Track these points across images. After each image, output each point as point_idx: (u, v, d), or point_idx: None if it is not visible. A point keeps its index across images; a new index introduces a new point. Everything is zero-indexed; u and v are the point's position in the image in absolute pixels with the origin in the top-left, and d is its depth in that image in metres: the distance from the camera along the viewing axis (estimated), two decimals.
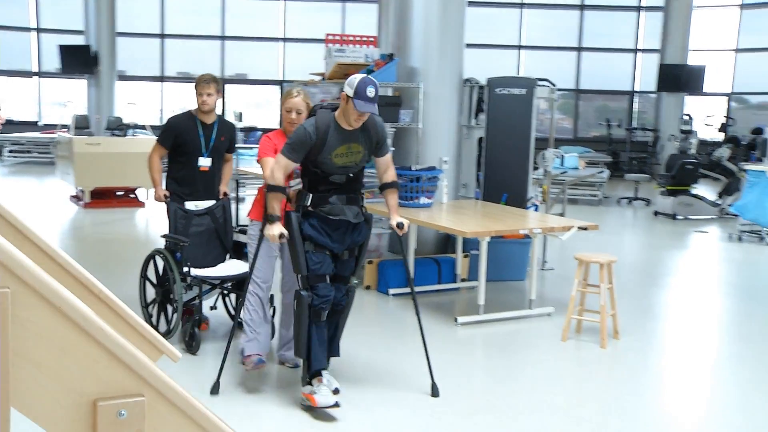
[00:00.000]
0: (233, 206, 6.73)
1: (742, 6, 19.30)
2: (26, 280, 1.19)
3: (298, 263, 3.84)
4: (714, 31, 19.58)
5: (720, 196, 11.86)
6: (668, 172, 11.70)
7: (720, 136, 17.54)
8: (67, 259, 1.87)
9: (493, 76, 7.30)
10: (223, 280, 4.90)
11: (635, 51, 19.98)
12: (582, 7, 19.89)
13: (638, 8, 19.95)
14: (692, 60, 18.02)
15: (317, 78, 7.08)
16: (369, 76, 3.79)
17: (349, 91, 3.73)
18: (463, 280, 6.67)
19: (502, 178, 7.18)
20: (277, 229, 3.78)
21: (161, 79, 19.71)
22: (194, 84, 4.95)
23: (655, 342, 5.39)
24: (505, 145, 7.20)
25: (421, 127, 6.84)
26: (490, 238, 5.45)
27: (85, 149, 10.52)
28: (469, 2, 7.20)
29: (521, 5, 19.80)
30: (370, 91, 3.72)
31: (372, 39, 7.03)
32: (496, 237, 6.09)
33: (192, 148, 4.97)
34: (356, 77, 3.77)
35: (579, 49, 19.96)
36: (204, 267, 4.90)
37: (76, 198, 10.96)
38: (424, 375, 4.28)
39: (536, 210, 7.25)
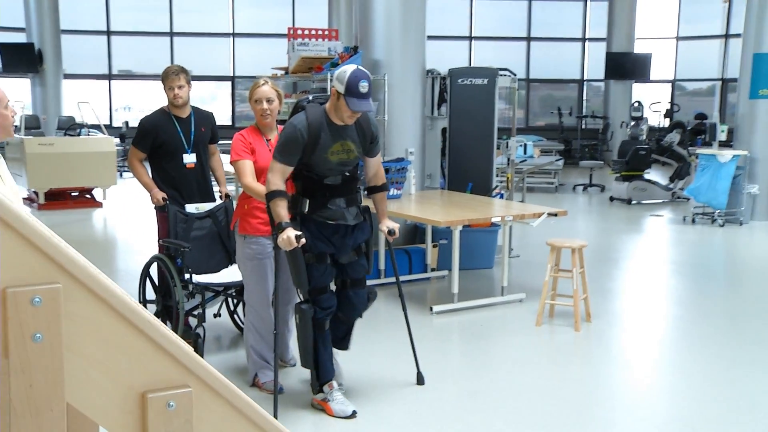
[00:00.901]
0: None
1: None
2: (76, 276, 1.19)
3: (298, 278, 3.60)
4: (657, 20, 20.06)
5: (671, 180, 12.19)
6: (621, 158, 11.97)
7: (666, 122, 18.01)
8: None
9: (447, 67, 7.39)
10: (227, 286, 4.63)
11: (583, 40, 20.35)
12: None
13: None
14: (638, 48, 18.45)
15: (280, 72, 7.05)
16: (360, 68, 3.47)
17: (339, 87, 3.40)
18: (432, 269, 6.74)
19: (466, 167, 7.27)
20: (291, 232, 3.43)
21: (109, 77, 19.32)
22: (161, 78, 4.67)
23: (625, 323, 5.54)
24: (469, 134, 7.28)
25: (387, 118, 6.87)
26: (462, 227, 5.53)
27: (37, 150, 10.27)
28: None
29: None
30: (364, 87, 3.38)
31: (334, 32, 7.03)
32: (464, 226, 6.16)
33: (173, 147, 4.68)
34: (346, 70, 3.43)
35: (528, 39, 20.23)
36: (206, 273, 4.65)
37: (29, 200, 10.70)
38: (405, 363, 4.33)
39: (502, 198, 7.36)
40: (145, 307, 4.74)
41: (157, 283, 4.79)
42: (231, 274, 4.70)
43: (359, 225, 3.75)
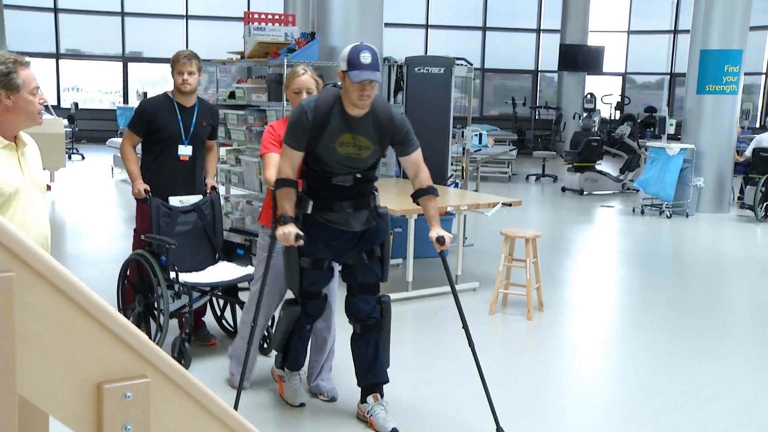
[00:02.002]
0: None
1: None
2: (30, 263, 1.16)
3: (291, 279, 3.42)
4: (610, 13, 20.38)
5: (622, 171, 12.42)
6: (574, 149, 12.15)
7: (617, 114, 18.34)
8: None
9: (402, 55, 7.39)
10: (214, 286, 4.34)
11: (538, 31, 20.54)
12: None
13: None
14: (591, 41, 18.72)
15: (236, 56, 6.95)
16: (363, 42, 3.24)
17: (342, 65, 3.15)
18: None
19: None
20: (292, 228, 3.19)
21: (56, 56, 18.81)
22: (171, 61, 4.35)
23: (576, 312, 5.64)
24: (424, 123, 7.28)
25: None
26: (417, 215, 5.54)
27: None
28: None
29: None
30: (365, 57, 3.10)
31: (291, 17, 6.95)
32: (419, 214, 6.18)
33: (169, 134, 4.37)
34: (347, 48, 3.20)
35: (484, 28, 20.34)
36: (191, 271, 4.34)
37: None
38: None
39: (457, 187, 7.41)
40: (125, 313, 4.40)
41: (136, 281, 4.44)
42: (218, 272, 4.41)
43: (369, 229, 3.45)
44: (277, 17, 6.78)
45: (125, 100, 18.98)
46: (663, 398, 4.01)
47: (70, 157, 13.85)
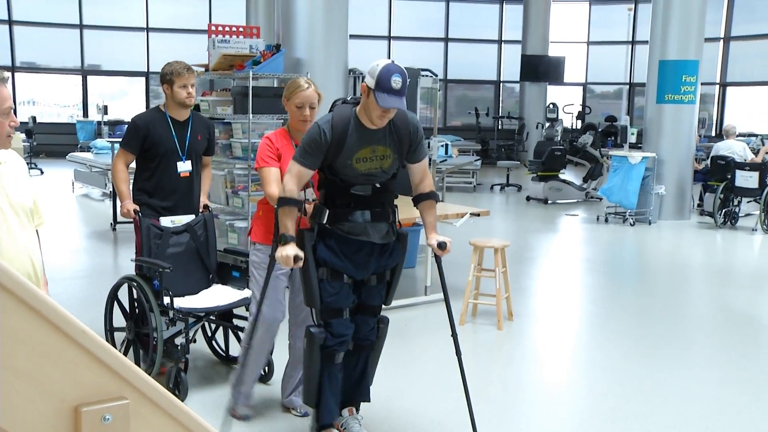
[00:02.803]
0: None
1: (591, 1, 20.56)
2: (3, 284, 1.11)
3: (310, 294, 3.20)
4: (570, 25, 20.70)
5: (585, 180, 12.57)
6: (537, 158, 12.27)
7: (578, 124, 18.59)
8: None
9: (365, 66, 7.37)
10: (209, 312, 4.11)
11: (499, 42, 20.76)
12: None
13: (501, 0, 20.72)
14: (552, 51, 18.98)
15: (200, 69, 6.87)
16: (394, 63, 3.07)
17: (369, 81, 3.03)
18: None
19: None
20: (291, 250, 3.07)
21: (12, 69, 18.45)
22: (167, 75, 4.13)
23: (545, 321, 5.67)
24: None
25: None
26: None
27: None
28: None
29: None
30: (396, 82, 2.99)
31: (256, 30, 6.91)
32: None
33: (164, 150, 4.17)
34: (378, 64, 3.05)
35: (446, 39, 20.50)
36: (184, 295, 4.09)
37: None
38: None
39: None
40: (112, 337, 4.26)
41: (128, 307, 4.24)
42: (213, 296, 4.18)
43: (388, 246, 3.30)
44: (241, 29, 6.73)
45: (85, 113, 18.70)
46: (633, 404, 4.04)
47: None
